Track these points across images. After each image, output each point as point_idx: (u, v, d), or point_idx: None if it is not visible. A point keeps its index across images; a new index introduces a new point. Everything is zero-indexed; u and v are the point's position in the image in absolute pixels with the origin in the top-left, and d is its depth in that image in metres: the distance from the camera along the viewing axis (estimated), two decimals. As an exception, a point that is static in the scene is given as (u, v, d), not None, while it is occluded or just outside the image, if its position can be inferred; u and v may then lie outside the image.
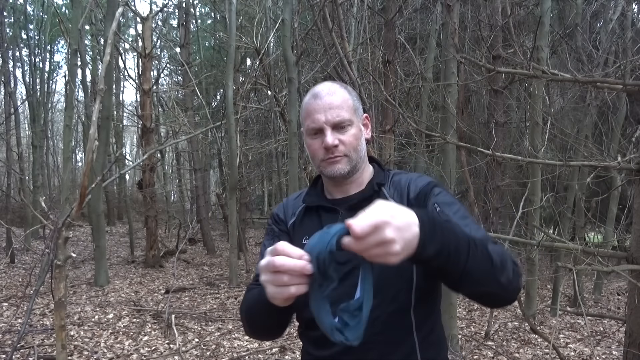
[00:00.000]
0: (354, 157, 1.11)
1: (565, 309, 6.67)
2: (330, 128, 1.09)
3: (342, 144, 1.10)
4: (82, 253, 10.48)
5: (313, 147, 1.12)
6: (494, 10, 6.91)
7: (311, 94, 1.14)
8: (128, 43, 15.55)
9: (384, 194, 1.14)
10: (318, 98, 1.11)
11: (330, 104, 1.09)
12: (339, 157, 1.10)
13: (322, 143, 1.10)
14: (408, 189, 1.12)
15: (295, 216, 1.22)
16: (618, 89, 3.24)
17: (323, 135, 1.10)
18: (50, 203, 12.20)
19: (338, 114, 1.09)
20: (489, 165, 7.75)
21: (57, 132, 21.24)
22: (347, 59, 4.68)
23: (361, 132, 1.15)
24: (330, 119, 1.09)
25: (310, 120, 1.11)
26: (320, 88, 1.13)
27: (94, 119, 2.72)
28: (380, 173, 1.19)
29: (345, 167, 1.11)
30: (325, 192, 1.21)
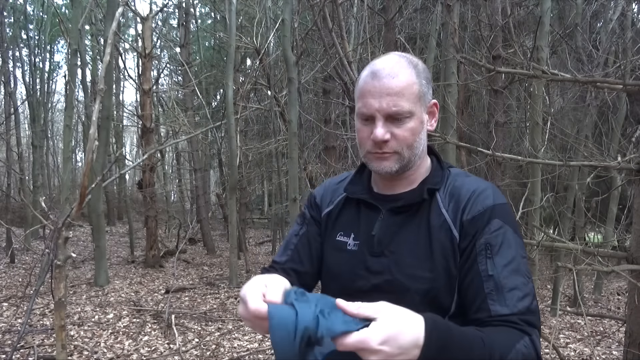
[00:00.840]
0: (407, 154, 0.95)
1: (565, 309, 6.67)
2: (384, 118, 0.92)
3: (394, 139, 0.93)
4: (82, 253, 10.48)
5: (361, 134, 0.96)
6: (494, 10, 6.91)
7: (370, 69, 0.94)
8: (128, 43, 15.55)
9: (437, 202, 0.97)
10: (376, 78, 0.92)
11: (389, 88, 0.91)
12: (387, 153, 0.94)
13: (372, 134, 0.93)
14: (465, 207, 0.93)
15: (332, 205, 1.09)
16: (618, 89, 3.24)
17: (373, 125, 0.93)
18: (50, 203, 12.21)
19: (396, 103, 0.91)
20: (489, 165, 7.75)
21: (57, 132, 21.24)
22: (347, 59, 4.68)
23: (422, 125, 0.96)
24: (385, 108, 0.91)
25: (362, 103, 0.93)
26: (382, 64, 0.93)
27: (94, 119, 2.72)
28: (438, 171, 1.02)
29: (393, 165, 0.95)
30: (372, 183, 1.07)
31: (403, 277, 0.94)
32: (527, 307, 0.85)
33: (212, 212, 14.85)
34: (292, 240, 1.13)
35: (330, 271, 1.07)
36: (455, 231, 0.93)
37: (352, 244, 1.03)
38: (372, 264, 0.99)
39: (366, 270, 0.99)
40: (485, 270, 0.88)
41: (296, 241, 1.12)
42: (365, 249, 1.01)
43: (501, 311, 0.84)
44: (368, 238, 1.01)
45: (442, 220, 0.94)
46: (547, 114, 5.69)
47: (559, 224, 5.92)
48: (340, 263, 1.04)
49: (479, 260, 0.89)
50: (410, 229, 0.97)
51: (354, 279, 1.01)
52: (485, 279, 0.87)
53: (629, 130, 7.82)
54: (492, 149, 3.34)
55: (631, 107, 7.52)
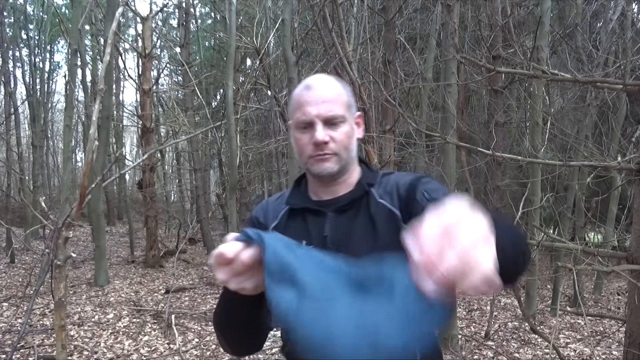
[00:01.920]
0: (344, 156, 1.04)
1: (565, 309, 6.67)
2: (322, 123, 1.01)
3: (332, 141, 1.02)
4: (82, 253, 10.48)
5: (301, 141, 1.04)
6: (494, 10, 6.91)
7: (303, 84, 1.05)
8: (128, 43, 15.55)
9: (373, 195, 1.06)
10: (310, 89, 1.03)
11: (323, 97, 1.01)
12: (328, 154, 1.02)
13: (312, 138, 1.01)
14: (397, 187, 1.06)
15: (277, 219, 1.12)
16: (618, 89, 3.24)
17: (313, 130, 1.01)
18: (50, 203, 12.21)
19: (331, 108, 1.01)
20: (489, 165, 7.75)
21: (57, 132, 21.24)
22: (347, 59, 4.68)
23: (353, 131, 1.07)
24: (323, 113, 1.01)
25: (300, 113, 1.02)
26: (313, 79, 1.05)
27: (94, 119, 2.72)
28: (369, 173, 1.12)
29: (334, 166, 1.03)
30: (310, 192, 1.12)
31: None
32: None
33: (212, 212, 14.84)
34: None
35: None
36: (395, 209, 1.02)
37: None
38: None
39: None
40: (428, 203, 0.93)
41: None
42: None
43: None
44: (320, 240, 1.04)
45: (380, 206, 1.04)
46: (547, 114, 5.69)
47: (559, 224, 5.92)
48: None
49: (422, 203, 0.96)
50: (356, 223, 1.04)
51: None
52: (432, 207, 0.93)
53: (629, 130, 7.82)
54: (492, 149, 3.34)
55: (631, 107, 7.52)
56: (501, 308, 6.78)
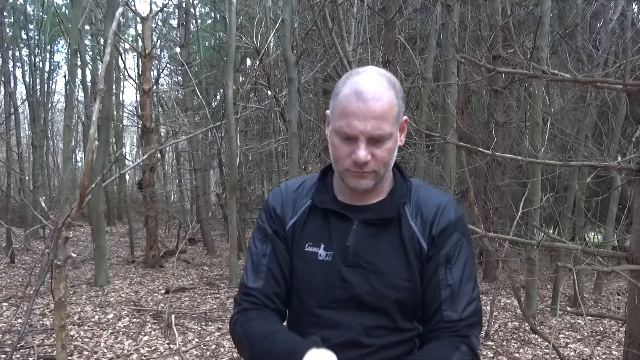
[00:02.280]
0: (382, 172, 0.98)
1: (565, 309, 6.67)
2: (366, 140, 0.93)
3: (373, 160, 0.95)
4: (82, 253, 10.48)
5: (340, 151, 0.96)
6: (494, 10, 6.91)
7: (354, 89, 0.93)
8: (128, 43, 15.54)
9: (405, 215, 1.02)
10: (361, 100, 0.91)
11: (374, 112, 0.91)
12: (367, 172, 0.96)
13: (352, 154, 0.94)
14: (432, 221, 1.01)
15: (297, 215, 1.07)
16: (618, 89, 3.24)
17: (355, 146, 0.93)
18: (50, 203, 12.21)
19: (380, 126, 0.92)
20: (489, 165, 7.75)
21: (57, 132, 21.24)
22: (347, 59, 4.68)
23: (396, 143, 0.98)
24: (370, 131, 0.92)
25: (345, 123, 0.93)
26: (366, 85, 0.92)
27: (94, 119, 2.72)
28: (402, 183, 1.06)
29: (370, 182, 0.98)
30: (336, 191, 1.07)
31: (383, 287, 1.00)
32: (473, 311, 0.99)
33: (212, 212, 14.85)
34: (261, 261, 1.07)
35: (303, 283, 1.05)
36: (424, 243, 1.01)
37: (324, 255, 1.03)
38: (349, 275, 1.01)
39: (342, 281, 1.01)
40: (445, 280, 0.99)
41: (267, 262, 1.06)
42: (339, 260, 1.02)
43: (452, 317, 0.98)
44: (342, 248, 1.02)
45: (411, 233, 1.02)
46: (547, 114, 5.69)
47: (559, 224, 5.92)
48: (312, 274, 1.04)
49: (439, 270, 1.00)
50: (384, 241, 1.02)
51: (330, 290, 1.02)
52: (443, 287, 0.99)
53: (629, 130, 7.82)
54: (492, 149, 3.34)
55: (631, 107, 7.52)
56: (501, 308, 6.78)
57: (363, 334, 1.00)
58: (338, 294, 1.01)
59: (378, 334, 1.00)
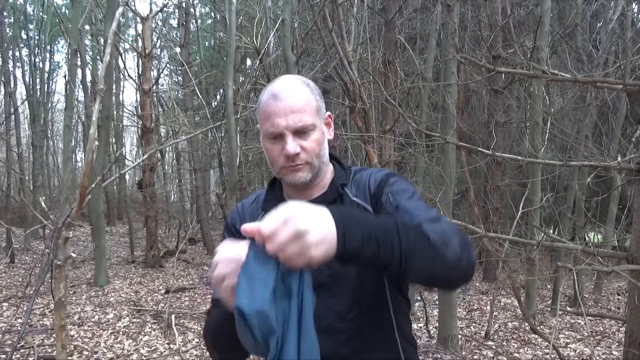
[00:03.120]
0: (316, 163, 1.03)
1: (565, 309, 6.67)
2: (292, 134, 0.99)
3: (303, 151, 1.01)
4: (82, 253, 10.48)
5: (272, 152, 1.03)
6: (494, 10, 6.91)
7: (270, 93, 1.02)
8: (128, 43, 15.55)
9: (347, 195, 1.08)
10: (278, 99, 1.00)
11: (291, 107, 0.99)
12: (300, 165, 1.01)
13: (283, 150, 1.00)
14: (369, 184, 1.07)
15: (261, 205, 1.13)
16: (618, 89, 3.24)
17: (283, 142, 1.00)
18: (50, 203, 12.22)
19: (300, 118, 0.99)
20: (489, 165, 7.76)
21: (57, 132, 21.23)
22: (347, 59, 4.68)
23: (324, 135, 1.06)
24: (292, 125, 0.98)
25: (269, 124, 1.00)
26: (279, 87, 1.02)
27: (94, 119, 2.72)
28: (341, 172, 1.12)
29: (307, 175, 1.03)
30: (285, 195, 1.12)
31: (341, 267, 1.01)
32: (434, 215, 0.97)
33: (212, 212, 14.84)
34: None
35: None
36: (368, 205, 1.05)
37: None
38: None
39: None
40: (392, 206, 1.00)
41: None
42: None
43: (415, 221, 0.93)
44: None
45: (354, 205, 1.06)
46: (547, 114, 5.69)
47: (559, 224, 5.92)
48: None
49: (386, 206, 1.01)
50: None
51: None
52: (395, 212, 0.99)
53: (629, 130, 7.82)
54: (492, 149, 3.34)
55: (631, 107, 7.52)
56: (501, 308, 6.79)
57: (337, 319, 1.00)
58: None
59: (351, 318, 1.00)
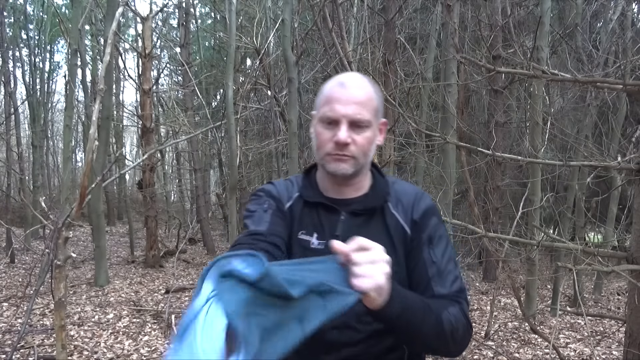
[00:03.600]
0: (362, 160, 1.04)
1: (565, 309, 6.67)
2: (348, 123, 1.00)
3: (353, 144, 1.01)
4: (82, 253, 10.48)
5: (323, 136, 1.03)
6: (494, 10, 6.91)
7: (337, 80, 1.04)
8: (128, 43, 15.55)
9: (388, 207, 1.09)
10: (344, 87, 1.02)
11: (355, 97, 1.00)
12: (347, 156, 1.02)
13: (334, 136, 1.01)
14: (412, 208, 1.09)
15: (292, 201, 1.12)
16: (618, 89, 3.24)
17: (337, 129, 1.01)
18: (50, 203, 12.21)
19: (360, 111, 1.00)
20: (489, 165, 7.75)
21: (57, 132, 21.23)
22: (347, 59, 4.68)
23: (375, 137, 1.07)
24: (351, 114, 1.00)
25: (328, 108, 1.01)
26: (347, 77, 1.04)
27: (94, 119, 2.72)
28: (381, 180, 1.14)
29: (349, 168, 1.03)
30: (321, 188, 1.13)
31: None
32: (459, 288, 1.04)
33: (212, 212, 14.85)
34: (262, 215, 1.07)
35: None
36: (407, 228, 1.08)
37: (317, 244, 1.07)
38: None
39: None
40: (429, 258, 1.05)
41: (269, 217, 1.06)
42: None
43: (441, 291, 1.02)
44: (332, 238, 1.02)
45: (395, 220, 1.09)
46: (547, 114, 5.69)
47: (559, 224, 5.92)
48: None
49: (424, 250, 1.06)
50: (370, 229, 1.07)
51: None
52: (429, 265, 1.04)
53: (629, 130, 7.82)
54: (492, 149, 3.34)
55: (631, 107, 7.52)
56: (501, 308, 6.79)
57: (354, 319, 1.01)
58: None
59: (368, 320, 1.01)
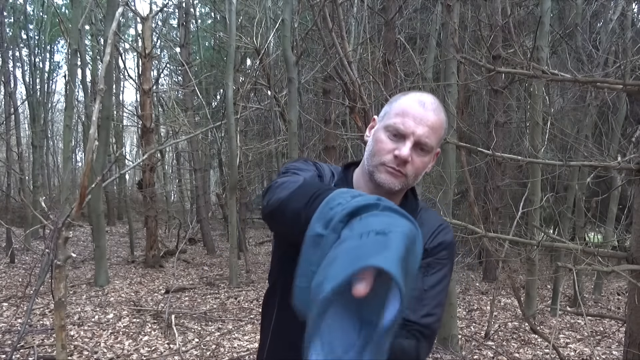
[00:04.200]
0: (411, 181, 1.03)
1: (565, 309, 6.67)
2: (413, 142, 0.99)
3: (411, 164, 1.00)
4: (82, 253, 10.48)
5: (385, 145, 1.01)
6: (494, 10, 6.91)
7: (417, 98, 1.02)
8: (128, 43, 15.55)
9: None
10: (423, 107, 1.00)
11: (429, 121, 1.00)
12: (401, 173, 1.00)
13: (396, 150, 0.99)
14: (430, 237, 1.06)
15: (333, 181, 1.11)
16: (618, 89, 3.24)
17: (401, 143, 0.99)
18: (50, 203, 12.22)
19: (429, 135, 1.00)
20: (489, 165, 7.76)
21: (57, 132, 21.23)
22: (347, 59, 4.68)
23: (430, 164, 1.06)
24: (421, 135, 0.99)
25: (400, 120, 1.00)
26: (428, 99, 1.02)
27: (94, 119, 2.72)
28: (413, 202, 1.12)
29: (398, 185, 1.01)
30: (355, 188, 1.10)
31: None
32: (429, 324, 0.97)
33: (212, 212, 14.85)
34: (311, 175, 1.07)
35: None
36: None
37: None
38: None
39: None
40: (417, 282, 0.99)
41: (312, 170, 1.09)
42: None
43: (410, 316, 0.95)
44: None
45: None
46: (547, 114, 5.69)
47: (559, 224, 5.92)
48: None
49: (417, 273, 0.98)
50: None
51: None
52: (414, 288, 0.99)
53: (629, 130, 7.82)
54: (492, 149, 3.34)
55: (631, 107, 7.53)
56: (501, 308, 6.78)
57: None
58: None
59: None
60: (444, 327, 4.92)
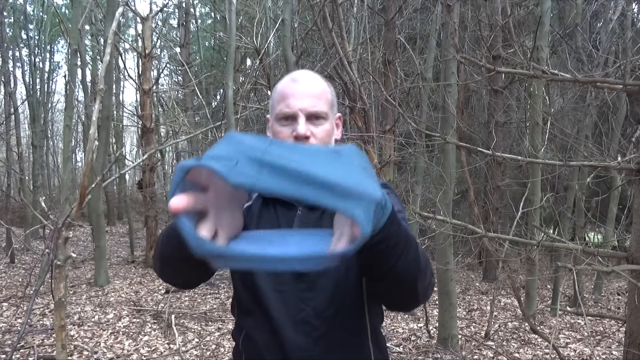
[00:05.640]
0: None
1: (565, 309, 6.67)
2: (305, 117, 0.99)
3: (313, 137, 0.99)
4: (82, 253, 10.48)
5: (281, 134, 1.00)
6: (494, 10, 6.91)
7: (289, 77, 1.03)
8: (128, 43, 15.54)
9: None
10: (296, 82, 1.01)
11: (308, 91, 1.00)
12: None
13: (293, 132, 0.99)
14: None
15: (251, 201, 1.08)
16: (618, 89, 3.24)
17: (295, 124, 0.99)
18: (50, 203, 12.20)
19: (315, 103, 0.99)
20: (489, 165, 7.76)
21: (57, 132, 21.22)
22: (347, 59, 4.69)
23: (333, 130, 1.06)
24: (307, 107, 0.99)
25: (284, 105, 1.00)
26: (299, 73, 1.03)
27: (94, 119, 2.72)
28: None
29: None
30: None
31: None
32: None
33: (212, 212, 14.80)
34: None
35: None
36: None
37: None
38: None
39: None
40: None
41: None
42: None
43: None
44: None
45: None
46: (547, 114, 5.69)
47: (559, 224, 5.92)
48: None
49: None
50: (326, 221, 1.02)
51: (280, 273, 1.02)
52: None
53: (629, 130, 7.82)
54: (492, 149, 3.34)
55: (631, 107, 7.52)
56: (501, 308, 6.79)
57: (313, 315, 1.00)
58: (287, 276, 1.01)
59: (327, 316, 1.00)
60: (444, 327, 4.92)
